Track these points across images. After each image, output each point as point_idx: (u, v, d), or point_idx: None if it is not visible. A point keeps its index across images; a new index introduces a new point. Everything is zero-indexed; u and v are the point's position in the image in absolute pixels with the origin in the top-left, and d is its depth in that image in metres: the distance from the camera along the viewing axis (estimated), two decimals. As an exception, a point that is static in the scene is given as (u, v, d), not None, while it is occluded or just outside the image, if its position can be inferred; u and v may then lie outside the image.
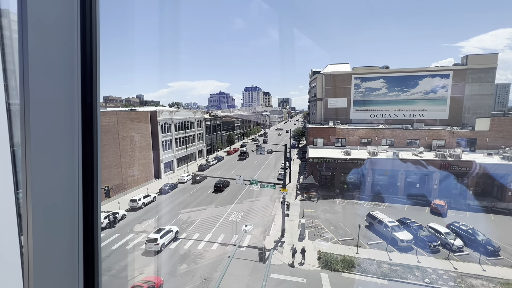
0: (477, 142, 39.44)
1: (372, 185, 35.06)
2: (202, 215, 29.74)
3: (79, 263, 1.28)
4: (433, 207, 29.70)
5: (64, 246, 1.22)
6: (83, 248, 1.28)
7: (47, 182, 1.15)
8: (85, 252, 1.29)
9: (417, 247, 21.81)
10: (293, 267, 20.01)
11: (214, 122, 68.04)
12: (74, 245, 1.25)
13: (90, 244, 1.32)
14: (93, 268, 1.35)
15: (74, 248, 1.26)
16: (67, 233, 1.23)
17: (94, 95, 1.28)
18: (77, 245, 1.26)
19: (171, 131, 47.53)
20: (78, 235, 1.26)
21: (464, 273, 18.87)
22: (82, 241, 1.28)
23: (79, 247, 1.27)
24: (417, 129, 43.16)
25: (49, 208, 1.16)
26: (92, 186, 1.30)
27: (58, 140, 1.18)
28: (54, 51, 1.14)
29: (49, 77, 1.13)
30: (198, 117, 58.16)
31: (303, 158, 54.69)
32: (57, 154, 1.18)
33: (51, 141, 1.16)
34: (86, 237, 1.29)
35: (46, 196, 1.15)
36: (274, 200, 34.39)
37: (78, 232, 1.26)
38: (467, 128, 43.47)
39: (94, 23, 1.28)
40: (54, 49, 1.14)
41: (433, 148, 40.32)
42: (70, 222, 1.24)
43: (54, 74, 1.15)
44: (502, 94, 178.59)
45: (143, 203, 32.32)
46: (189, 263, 20.44)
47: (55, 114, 1.16)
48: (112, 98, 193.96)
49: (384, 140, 42.62)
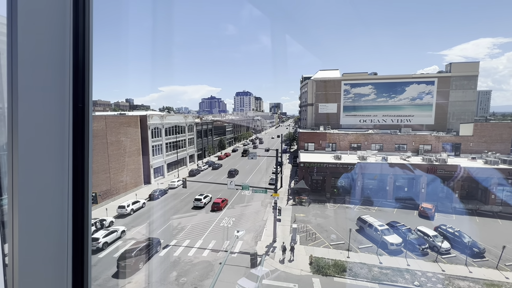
0: (461, 146, 40.81)
1: (362, 189, 35.53)
2: (193, 220, 29.28)
3: (68, 273, 1.23)
4: (421, 210, 30.33)
5: (52, 255, 1.17)
6: (72, 258, 1.24)
7: (35, 189, 1.11)
8: (74, 262, 1.24)
9: (406, 250, 22.15)
10: (283, 263, 20.90)
11: (205, 127, 67.67)
12: (62, 254, 1.21)
13: (79, 253, 1.27)
14: (82, 278, 1.30)
15: (63, 258, 1.21)
16: (56, 241, 1.18)
17: (86, 100, 1.25)
18: (65, 255, 1.21)
19: (162, 135, 46.92)
20: (67, 244, 1.22)
21: (452, 275, 19.25)
22: (72, 250, 1.23)
23: (68, 256, 1.22)
24: (405, 134, 44.27)
25: (36, 215, 1.12)
26: (83, 193, 1.26)
27: (48, 145, 1.14)
28: (45, 54, 1.12)
29: (39, 81, 1.10)
30: (189, 121, 57.71)
31: (294, 162, 54.98)
32: (46, 160, 1.14)
33: (40, 146, 1.12)
34: (75, 246, 1.25)
35: (34, 203, 1.11)
36: (265, 205, 34.28)
37: (67, 241, 1.22)
38: (452, 133, 44.94)
39: (87, 26, 1.26)
40: (45, 52, 1.12)
41: (420, 152, 41.39)
42: (58, 230, 1.19)
43: (45, 78, 1.12)
44: (484, 100, 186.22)
45: (132, 210, 31.56)
46: (179, 271, 19.99)
47: (45, 118, 1.13)
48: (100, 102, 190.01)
49: (373, 144, 43.48)
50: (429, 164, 33.91)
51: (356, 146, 43.98)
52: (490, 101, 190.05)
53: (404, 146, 42.69)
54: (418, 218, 29.62)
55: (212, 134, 72.03)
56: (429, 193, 33.43)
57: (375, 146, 43.41)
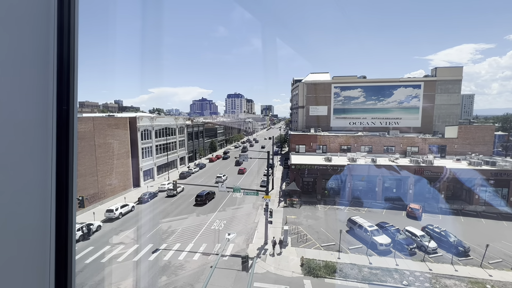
0: (446, 148, 42.09)
1: (352, 190, 36.03)
2: (184, 224, 28.89)
3: (50, 281, 1.18)
4: (409, 210, 31.01)
5: (33, 262, 1.13)
6: (55, 264, 1.19)
7: (14, 193, 1.07)
8: (57, 269, 1.20)
9: (395, 250, 22.57)
10: (273, 256, 22.23)
11: (196, 129, 67.13)
12: (44, 262, 1.16)
13: (63, 259, 1.23)
14: (66, 286, 1.25)
15: (45, 265, 1.16)
16: (38, 248, 1.14)
17: (71, 102, 1.22)
18: (48, 262, 1.17)
19: (152, 137, 46.21)
20: (50, 250, 1.17)
21: (439, 274, 19.73)
22: (54, 257, 1.19)
23: (51, 263, 1.18)
24: (393, 136, 45.28)
25: (15, 221, 1.07)
26: (67, 197, 1.22)
27: (29, 147, 1.10)
28: (27, 53, 1.08)
29: (20, 82, 1.06)
30: (179, 123, 57.11)
31: (285, 164, 55.22)
32: (26, 163, 1.10)
33: (20, 149, 1.08)
34: (58, 252, 1.20)
35: (13, 208, 1.06)
36: (257, 207, 34.23)
37: (50, 247, 1.17)
38: (438, 136, 46.30)
39: (72, 24, 1.22)
40: (27, 51, 1.08)
41: (408, 154, 42.41)
42: (40, 236, 1.15)
43: (26, 78, 1.08)
44: (467, 104, 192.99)
45: (121, 213, 30.84)
46: (169, 275, 19.64)
47: (26, 120, 1.09)
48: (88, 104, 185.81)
49: (363, 146, 44.24)
50: (417, 165, 34.78)
51: (346, 148, 44.63)
52: (473, 105, 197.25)
53: (392, 148, 43.64)
54: (406, 218, 30.26)
55: (203, 136, 71.51)
56: (417, 193, 34.24)
57: (364, 148, 44.17)
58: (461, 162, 37.67)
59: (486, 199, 32.55)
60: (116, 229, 27.75)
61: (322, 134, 48.46)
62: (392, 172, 34.52)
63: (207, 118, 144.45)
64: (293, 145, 46.93)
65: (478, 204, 32.65)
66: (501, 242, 24.36)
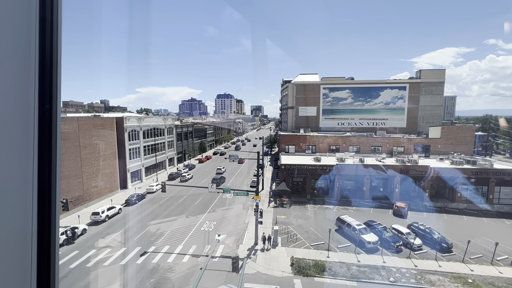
0: (430, 148, 43.52)
1: (341, 190, 36.61)
2: (173, 226, 28.46)
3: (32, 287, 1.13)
4: (395, 209, 31.84)
5: (14, 268, 1.08)
6: (37, 270, 1.14)
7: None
8: (39, 274, 1.15)
9: (382, 248, 23.10)
10: (263, 251, 23.03)
11: (186, 129, 66.33)
12: (26, 267, 1.11)
13: (45, 265, 1.18)
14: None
15: (26, 271, 1.11)
16: (18, 253, 1.09)
17: (54, 101, 1.17)
18: (29, 267, 1.12)
19: (139, 138, 45.28)
20: (31, 256, 1.12)
21: (424, 270, 20.35)
22: (36, 262, 1.14)
23: (32, 269, 1.13)
24: (380, 137, 46.37)
25: None
26: (50, 200, 1.18)
27: (9, 148, 1.05)
28: (7, 51, 1.03)
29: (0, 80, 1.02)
30: (168, 124, 56.25)
31: (275, 165, 55.46)
32: (6, 165, 1.05)
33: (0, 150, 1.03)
34: (41, 257, 1.15)
35: None
36: (247, 207, 34.18)
37: (32, 252, 1.12)
38: (422, 136, 47.80)
39: (55, 21, 1.18)
40: (7, 49, 1.03)
41: (394, 154, 43.53)
42: (21, 239, 1.10)
43: (6, 76, 1.03)
44: (450, 105, 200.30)
45: (107, 216, 30.03)
46: (158, 278, 19.29)
47: (6, 120, 1.04)
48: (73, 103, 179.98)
49: (351, 147, 45.06)
50: (402, 165, 35.76)
51: (334, 148, 45.32)
52: (455, 106, 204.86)
53: (379, 148, 44.68)
54: (392, 216, 31.04)
55: (192, 137, 70.76)
56: (403, 192, 35.20)
57: (352, 148, 45.00)
58: (444, 162, 39.03)
59: (468, 197, 33.89)
60: (103, 232, 27.00)
61: (312, 134, 49.00)
62: (379, 172, 35.35)
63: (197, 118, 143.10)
64: (283, 146, 47.21)
65: (460, 202, 33.93)
66: (481, 238, 25.41)
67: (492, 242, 22.91)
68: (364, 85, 55.70)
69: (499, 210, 32.98)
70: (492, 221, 30.14)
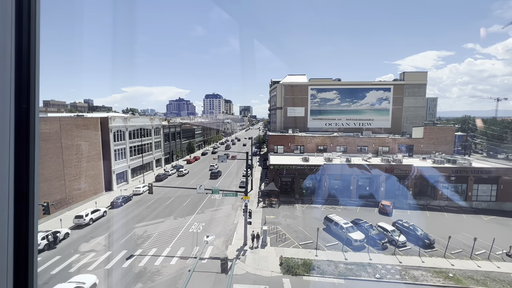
0: (414, 148, 45.02)
1: (328, 189, 37.19)
2: (160, 228, 27.94)
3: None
4: (381, 207, 32.68)
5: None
6: (13, 277, 1.09)
7: None
8: (16, 281, 1.10)
9: (368, 245, 23.64)
10: (252, 249, 23.42)
11: (173, 130, 65.33)
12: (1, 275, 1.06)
13: (22, 271, 1.13)
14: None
15: (1, 278, 1.06)
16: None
17: (32, 100, 1.12)
18: (5, 275, 1.07)
19: (125, 139, 44.16)
20: (7, 262, 1.07)
21: (408, 266, 21.01)
22: (13, 269, 1.08)
23: (8, 276, 1.08)
24: (366, 137, 47.48)
25: None
26: (27, 204, 1.13)
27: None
28: None
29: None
30: (155, 124, 55.20)
31: (264, 165, 55.60)
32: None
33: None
34: (17, 263, 1.10)
35: None
36: (236, 208, 34.07)
37: (7, 258, 1.07)
38: (406, 136, 49.37)
39: (33, 18, 1.13)
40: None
41: (379, 153, 44.70)
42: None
43: None
44: (431, 106, 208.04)
45: (91, 219, 29.09)
46: (145, 282, 18.88)
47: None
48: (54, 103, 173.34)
49: (338, 146, 45.89)
50: (387, 164, 36.76)
51: (322, 148, 45.99)
52: (436, 107, 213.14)
53: (365, 148, 45.75)
54: (378, 214, 31.84)
55: (180, 137, 69.77)
56: (388, 191, 36.18)
57: (339, 148, 45.83)
58: (426, 161, 40.46)
59: (448, 194, 35.29)
60: (86, 236, 26.13)
61: (300, 134, 49.50)
62: (365, 171, 36.18)
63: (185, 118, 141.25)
64: (272, 146, 47.41)
65: (441, 199, 35.27)
66: (461, 233, 26.53)
67: (471, 238, 23.99)
68: (350, 86, 56.90)
69: (477, 206, 34.56)
70: (471, 217, 31.54)
